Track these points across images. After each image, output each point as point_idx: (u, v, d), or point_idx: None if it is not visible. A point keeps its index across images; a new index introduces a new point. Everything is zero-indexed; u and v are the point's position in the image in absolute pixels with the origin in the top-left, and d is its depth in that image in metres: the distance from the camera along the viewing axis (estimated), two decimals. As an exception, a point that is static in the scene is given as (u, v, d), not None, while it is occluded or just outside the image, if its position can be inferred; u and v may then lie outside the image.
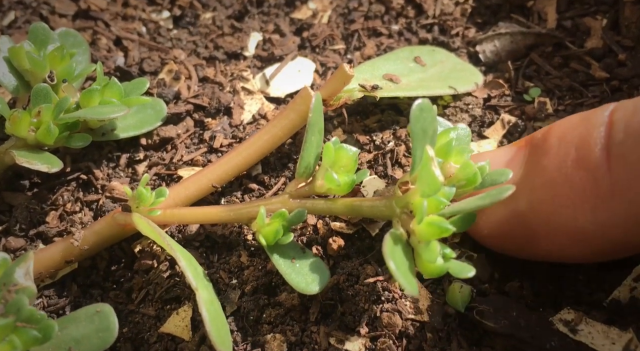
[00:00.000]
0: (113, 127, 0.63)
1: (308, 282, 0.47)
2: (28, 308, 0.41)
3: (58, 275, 0.57)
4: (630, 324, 0.46)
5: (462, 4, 0.76)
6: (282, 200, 0.49)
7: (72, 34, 0.66)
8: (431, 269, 0.41)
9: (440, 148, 0.45)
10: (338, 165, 0.48)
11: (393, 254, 0.40)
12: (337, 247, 0.53)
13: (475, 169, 0.44)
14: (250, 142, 0.58)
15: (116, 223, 0.54)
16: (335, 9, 0.79)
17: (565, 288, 0.50)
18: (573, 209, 0.41)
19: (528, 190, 0.43)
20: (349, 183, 0.48)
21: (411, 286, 0.39)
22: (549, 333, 0.46)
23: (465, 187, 0.45)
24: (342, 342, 0.48)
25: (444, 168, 0.44)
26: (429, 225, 0.41)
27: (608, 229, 0.40)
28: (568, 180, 0.41)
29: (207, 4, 0.82)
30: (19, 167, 0.64)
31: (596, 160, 0.40)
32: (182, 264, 0.45)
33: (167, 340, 0.51)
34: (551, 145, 0.43)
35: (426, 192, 0.41)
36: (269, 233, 0.48)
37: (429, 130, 0.44)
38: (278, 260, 0.48)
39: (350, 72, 0.55)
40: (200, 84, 0.71)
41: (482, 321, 0.47)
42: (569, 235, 0.42)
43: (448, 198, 0.42)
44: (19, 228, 0.59)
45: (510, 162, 0.47)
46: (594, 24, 0.69)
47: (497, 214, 0.45)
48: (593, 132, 0.41)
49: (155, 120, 0.65)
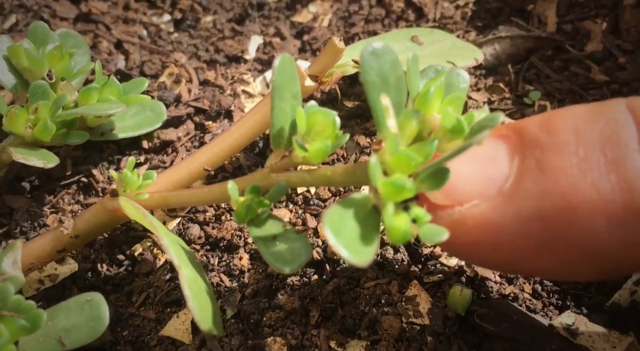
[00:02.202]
0: (112, 127, 0.63)
1: (286, 260, 0.42)
2: (15, 297, 0.40)
3: (58, 278, 0.57)
4: (630, 328, 0.46)
5: (462, 7, 0.76)
6: (262, 175, 0.45)
7: (73, 35, 0.66)
8: (393, 233, 0.35)
9: (419, 98, 0.38)
10: (314, 131, 0.42)
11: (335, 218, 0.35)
12: (338, 250, 0.53)
13: (457, 117, 0.37)
14: (241, 122, 0.56)
15: (105, 210, 0.53)
16: (335, 13, 0.79)
17: (566, 292, 0.50)
18: (597, 224, 0.34)
19: (534, 194, 0.36)
20: (323, 150, 0.41)
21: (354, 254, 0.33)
22: (550, 337, 0.46)
23: (452, 140, 0.37)
24: (342, 345, 0.48)
25: (427, 121, 0.38)
26: (385, 184, 0.35)
27: (635, 249, 0.35)
28: (594, 189, 0.34)
29: (208, 7, 0.82)
30: (20, 169, 0.64)
31: (632, 166, 0.34)
32: (165, 243, 0.44)
33: (167, 343, 0.51)
34: (564, 143, 0.36)
35: (390, 148, 0.36)
36: (241, 210, 0.44)
37: (390, 77, 0.38)
38: (258, 238, 0.44)
39: (341, 45, 0.53)
40: (201, 87, 0.71)
41: (482, 324, 0.47)
42: (584, 252, 0.36)
43: (424, 155, 0.36)
44: (19, 231, 0.59)
45: (494, 155, 0.39)
46: (594, 27, 0.69)
47: (486, 219, 0.37)
48: (620, 131, 0.35)
49: (154, 122, 0.65)
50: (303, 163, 0.44)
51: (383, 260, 0.52)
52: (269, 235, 0.44)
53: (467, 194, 0.38)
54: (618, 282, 0.49)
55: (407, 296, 0.49)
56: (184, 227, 0.58)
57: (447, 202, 0.38)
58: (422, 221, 0.36)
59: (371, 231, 0.36)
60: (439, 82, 0.38)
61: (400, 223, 0.35)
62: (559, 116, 0.38)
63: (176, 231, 0.58)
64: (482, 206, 0.37)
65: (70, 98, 0.58)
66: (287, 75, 0.43)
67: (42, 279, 0.57)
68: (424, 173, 0.36)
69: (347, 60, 0.57)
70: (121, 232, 0.59)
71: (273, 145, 0.44)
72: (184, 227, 0.58)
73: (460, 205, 0.38)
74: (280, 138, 0.44)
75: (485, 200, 0.37)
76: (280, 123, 0.43)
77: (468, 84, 0.42)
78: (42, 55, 0.58)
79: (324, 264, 0.53)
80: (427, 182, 0.36)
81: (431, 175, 0.36)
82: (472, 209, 0.37)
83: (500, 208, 0.37)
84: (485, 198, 0.37)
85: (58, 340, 0.42)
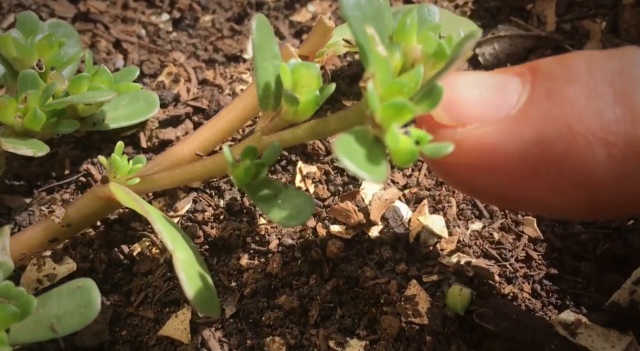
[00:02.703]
0: (104, 117, 0.62)
1: (292, 215, 0.42)
2: (4, 283, 0.40)
3: (56, 278, 0.57)
4: (630, 327, 0.46)
5: (461, 6, 0.76)
6: (254, 139, 0.45)
7: (63, 25, 0.65)
8: (399, 154, 0.36)
9: (397, 32, 0.39)
10: (299, 85, 0.43)
11: (345, 146, 0.35)
12: (337, 249, 0.53)
13: (438, 41, 0.37)
14: (232, 106, 0.56)
15: (96, 197, 0.53)
16: (334, 12, 0.79)
17: (565, 291, 0.50)
18: (596, 153, 0.35)
19: (539, 119, 0.36)
20: (313, 101, 0.42)
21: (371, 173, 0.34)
22: (549, 336, 0.46)
23: (437, 65, 0.38)
24: (341, 345, 0.48)
25: (408, 52, 0.38)
26: (385, 108, 0.36)
27: (632, 184, 0.35)
28: (599, 117, 0.35)
29: (206, 6, 0.82)
30: (19, 169, 0.64)
31: (639, 100, 0.34)
32: (157, 226, 0.43)
33: (166, 343, 0.51)
34: (577, 75, 0.36)
35: (382, 77, 0.36)
36: (240, 173, 0.44)
37: (368, 10, 0.38)
38: (258, 199, 0.44)
39: (330, 24, 0.53)
40: (200, 86, 0.71)
41: (481, 324, 0.47)
42: (578, 181, 0.36)
43: (414, 81, 0.37)
44: (18, 231, 0.59)
45: (504, 85, 0.39)
46: (593, 26, 0.69)
47: (487, 141, 0.38)
48: (633, 68, 0.35)
49: (147, 112, 0.64)
50: (293, 120, 0.44)
51: (382, 259, 0.52)
52: (269, 194, 0.44)
53: (471, 116, 0.38)
54: (617, 281, 0.49)
55: (406, 295, 0.49)
56: (183, 226, 0.58)
57: (450, 122, 0.39)
58: (425, 140, 0.36)
59: (379, 155, 0.37)
60: (413, 15, 0.39)
61: (405, 144, 0.36)
62: (575, 54, 0.38)
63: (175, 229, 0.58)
64: (485, 128, 0.38)
65: (60, 88, 0.57)
66: (265, 35, 0.43)
67: (41, 279, 0.57)
68: (418, 95, 0.36)
69: (338, 40, 0.56)
70: (119, 232, 0.59)
71: (261, 105, 0.44)
72: (182, 226, 0.58)
73: (463, 127, 0.38)
74: (267, 98, 0.44)
75: (488, 123, 0.38)
76: (264, 81, 0.43)
77: (438, 16, 0.43)
78: (31, 44, 0.57)
79: (322, 263, 0.53)
80: (423, 102, 0.36)
81: (426, 95, 0.36)
82: (474, 130, 0.38)
83: (502, 130, 0.37)
84: (489, 121, 0.38)
85: (50, 327, 0.41)
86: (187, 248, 0.46)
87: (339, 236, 0.54)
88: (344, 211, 0.54)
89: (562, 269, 0.51)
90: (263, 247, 0.55)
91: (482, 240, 0.53)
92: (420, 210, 0.54)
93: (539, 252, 0.52)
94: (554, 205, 0.38)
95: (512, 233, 0.54)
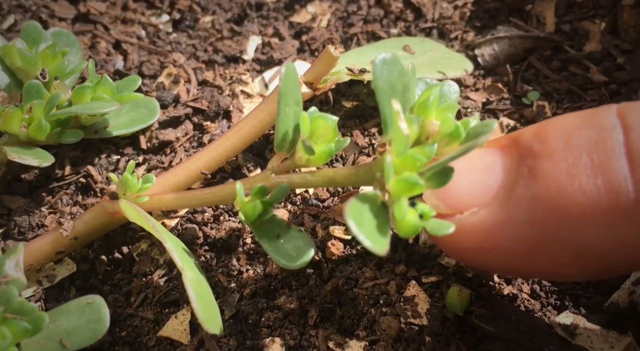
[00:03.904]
0: (106, 125, 0.63)
1: (292, 257, 0.45)
2: (18, 300, 0.41)
3: (56, 278, 0.57)
4: (629, 328, 0.46)
5: (460, 7, 0.76)
6: (264, 177, 0.48)
7: (65, 34, 0.66)
8: (404, 227, 0.38)
9: (418, 106, 0.42)
10: (316, 135, 0.46)
11: (355, 211, 0.37)
12: (336, 250, 0.53)
13: (455, 123, 0.40)
14: (237, 127, 0.57)
15: (105, 212, 0.54)
16: (334, 13, 0.79)
17: (564, 292, 0.50)
18: (586, 224, 0.36)
19: (527, 200, 0.38)
20: (327, 152, 0.45)
21: (375, 244, 0.36)
22: (548, 337, 0.46)
23: (450, 144, 0.41)
24: (340, 346, 0.48)
25: (425, 126, 0.41)
26: (397, 181, 0.38)
27: (626, 248, 0.36)
28: (582, 192, 0.36)
29: (206, 7, 0.82)
30: (18, 170, 0.64)
31: (617, 170, 0.35)
32: (168, 245, 0.45)
33: (165, 343, 0.51)
34: (554, 149, 0.38)
35: (398, 149, 0.39)
36: (248, 210, 0.46)
37: (397, 85, 0.41)
38: (262, 237, 0.47)
39: (336, 54, 0.55)
40: (200, 87, 0.71)
41: (481, 325, 0.47)
42: (577, 252, 0.37)
43: (427, 156, 0.39)
44: (17, 232, 0.59)
45: (492, 165, 0.41)
46: (593, 27, 0.69)
47: (484, 225, 0.39)
48: (607, 136, 0.36)
49: (148, 119, 0.65)
50: (306, 166, 0.46)
51: (381, 260, 0.52)
52: (273, 233, 0.46)
53: (466, 202, 0.40)
54: (616, 282, 0.49)
55: (405, 296, 0.49)
56: (182, 227, 0.58)
57: (448, 210, 0.41)
58: (428, 216, 0.39)
59: (384, 224, 0.39)
60: (435, 92, 0.41)
61: (411, 217, 0.38)
62: (550, 124, 0.40)
63: (175, 232, 0.58)
64: (480, 213, 0.39)
65: (64, 97, 0.58)
66: (291, 83, 0.46)
67: (41, 280, 0.57)
68: (429, 173, 0.39)
69: (341, 68, 0.58)
70: (119, 233, 0.59)
71: (277, 148, 0.47)
72: (182, 227, 0.58)
73: (461, 213, 0.40)
74: (284, 141, 0.46)
75: (482, 208, 0.40)
76: (284, 127, 0.46)
77: (458, 94, 0.46)
78: (35, 54, 0.58)
79: (322, 264, 0.53)
80: (433, 180, 0.39)
81: (437, 174, 0.39)
82: (471, 216, 0.40)
83: (496, 214, 0.39)
84: (483, 206, 0.40)
85: (59, 342, 0.43)
86: (194, 267, 0.48)
87: (339, 237, 0.54)
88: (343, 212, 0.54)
89: (562, 270, 0.51)
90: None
91: (481, 240, 0.53)
92: (420, 211, 0.55)
93: (538, 253, 0.52)
94: (563, 275, 0.41)
95: (511, 234, 0.54)
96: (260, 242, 0.47)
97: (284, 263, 0.44)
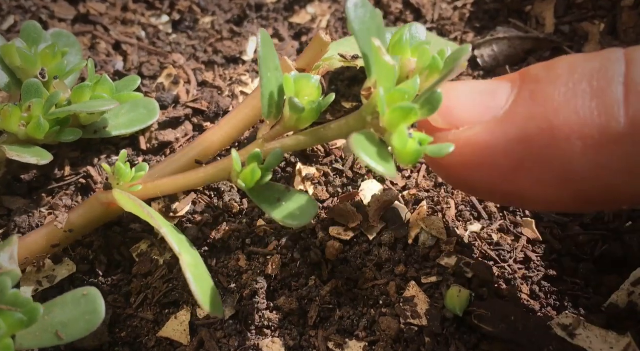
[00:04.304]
0: (105, 125, 0.63)
1: (295, 216, 0.45)
2: (12, 291, 0.41)
3: (56, 279, 0.57)
4: (628, 328, 0.46)
5: (460, 8, 0.76)
6: (256, 145, 0.48)
7: (65, 34, 0.66)
8: (405, 154, 0.39)
9: (393, 46, 0.43)
10: (301, 95, 0.46)
11: (360, 143, 0.38)
12: (336, 251, 0.53)
13: (432, 55, 0.41)
14: (230, 116, 0.57)
15: (99, 203, 0.53)
16: (334, 14, 0.79)
17: (564, 293, 0.50)
18: (574, 145, 0.37)
19: (522, 117, 0.39)
20: (315, 109, 0.45)
21: (386, 168, 0.38)
22: (547, 338, 0.46)
23: (431, 76, 0.42)
24: (340, 346, 0.48)
25: (403, 65, 0.42)
26: (393, 111, 0.39)
27: (608, 173, 0.36)
28: (576, 112, 0.37)
29: (206, 8, 0.82)
30: (18, 170, 0.64)
31: (613, 95, 0.36)
32: (164, 231, 0.45)
33: (165, 344, 0.51)
34: (559, 75, 0.39)
35: (386, 85, 0.39)
36: (247, 177, 0.46)
37: (372, 26, 0.43)
38: (263, 202, 0.47)
39: (327, 39, 0.55)
40: (199, 88, 0.71)
41: (480, 325, 0.47)
42: (560, 173, 0.38)
43: (413, 89, 0.40)
44: (17, 232, 0.59)
45: (496, 90, 0.42)
46: (592, 28, 0.69)
47: (477, 140, 0.41)
48: (610, 67, 0.38)
49: (147, 119, 0.65)
50: (295, 127, 0.47)
51: (381, 261, 0.52)
52: (273, 197, 0.47)
53: (464, 119, 0.42)
54: (616, 283, 0.49)
55: (405, 297, 0.49)
56: (182, 228, 0.58)
57: (445, 125, 0.42)
58: (426, 142, 0.40)
59: (387, 153, 0.40)
60: (405, 32, 0.43)
61: (411, 145, 0.39)
62: (561, 57, 0.41)
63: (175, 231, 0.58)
64: (475, 128, 0.41)
65: (63, 97, 0.58)
66: (269, 48, 0.47)
67: (40, 280, 0.57)
68: (420, 100, 0.39)
69: (334, 54, 0.57)
70: (119, 233, 0.59)
71: (264, 114, 0.47)
72: (182, 228, 0.58)
73: (457, 129, 0.42)
74: (270, 106, 0.47)
75: (479, 124, 0.41)
76: (269, 91, 0.46)
77: (425, 34, 0.46)
78: (34, 54, 0.58)
79: (322, 265, 0.53)
80: (425, 107, 0.39)
81: (427, 101, 0.39)
82: (466, 131, 0.41)
83: (490, 130, 0.40)
84: (480, 123, 0.41)
85: (55, 334, 0.42)
86: (191, 251, 0.48)
87: (338, 237, 0.54)
88: (343, 212, 0.55)
89: (561, 270, 0.51)
90: (262, 248, 0.55)
91: (481, 241, 0.53)
92: (419, 211, 0.55)
93: (538, 254, 0.52)
94: (541, 197, 0.41)
95: (510, 234, 0.54)
96: (262, 208, 0.46)
97: (289, 223, 0.45)
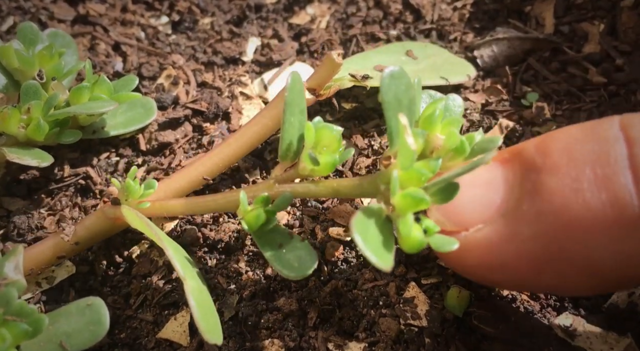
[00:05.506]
0: (103, 125, 0.63)
1: (293, 268, 0.45)
2: (18, 302, 0.41)
3: (55, 280, 0.57)
4: (628, 329, 0.46)
5: (460, 9, 0.76)
6: (267, 185, 0.48)
7: (61, 35, 0.67)
8: (409, 242, 0.38)
9: (423, 120, 0.42)
10: (320, 145, 0.46)
11: (361, 226, 0.37)
12: (335, 252, 0.53)
13: (460, 138, 0.40)
14: (240, 133, 0.57)
15: (106, 217, 0.54)
16: (333, 14, 0.79)
17: (564, 293, 0.50)
18: (592, 239, 0.35)
19: (532, 215, 0.37)
20: (331, 163, 0.45)
21: (381, 260, 0.36)
22: (547, 338, 0.46)
23: (454, 158, 0.41)
24: (340, 347, 0.48)
25: (430, 140, 0.41)
26: (404, 196, 0.38)
27: (632, 262, 0.35)
28: (587, 208, 0.35)
29: (205, 9, 0.82)
30: (17, 171, 0.64)
31: (622, 183, 0.35)
32: (170, 253, 0.45)
33: (165, 345, 0.51)
34: (557, 164, 0.37)
35: (404, 163, 0.39)
36: (251, 219, 0.46)
37: (404, 99, 0.42)
38: (264, 246, 0.47)
39: (339, 60, 0.55)
40: (199, 88, 0.71)
41: (480, 326, 0.47)
42: (584, 268, 0.37)
43: (432, 171, 0.39)
44: (17, 234, 0.59)
45: (494, 180, 0.41)
46: (592, 29, 0.69)
47: (490, 242, 0.39)
48: (610, 149, 0.36)
49: (145, 118, 0.65)
50: (309, 176, 0.47)
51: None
52: (276, 243, 0.47)
53: (470, 219, 0.40)
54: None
55: (405, 298, 0.49)
56: (182, 229, 0.58)
57: (453, 227, 0.40)
58: (432, 231, 0.38)
59: (388, 239, 0.39)
60: (439, 106, 0.42)
61: (416, 233, 0.38)
62: (553, 137, 0.39)
63: (174, 233, 0.58)
64: (485, 230, 0.39)
65: (61, 98, 0.58)
66: (296, 92, 0.47)
67: (40, 281, 0.57)
68: (433, 188, 0.39)
69: (344, 74, 0.58)
70: (119, 234, 0.59)
71: (281, 157, 0.47)
72: (181, 229, 0.58)
73: (466, 230, 0.40)
74: (288, 151, 0.47)
75: (487, 224, 0.39)
76: (289, 136, 0.46)
77: (462, 108, 0.46)
78: (32, 55, 0.58)
79: (321, 266, 0.53)
80: (438, 195, 0.39)
81: (442, 190, 0.39)
82: (476, 233, 0.40)
83: (500, 231, 0.38)
84: (488, 222, 0.39)
85: (59, 344, 0.43)
86: (195, 275, 0.48)
87: (338, 238, 0.54)
88: (343, 213, 0.55)
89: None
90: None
91: (480, 242, 0.53)
92: (419, 212, 0.54)
93: (538, 254, 0.52)
94: (572, 289, 0.40)
95: (510, 235, 0.54)
96: (263, 251, 0.47)
97: (285, 274, 0.44)
